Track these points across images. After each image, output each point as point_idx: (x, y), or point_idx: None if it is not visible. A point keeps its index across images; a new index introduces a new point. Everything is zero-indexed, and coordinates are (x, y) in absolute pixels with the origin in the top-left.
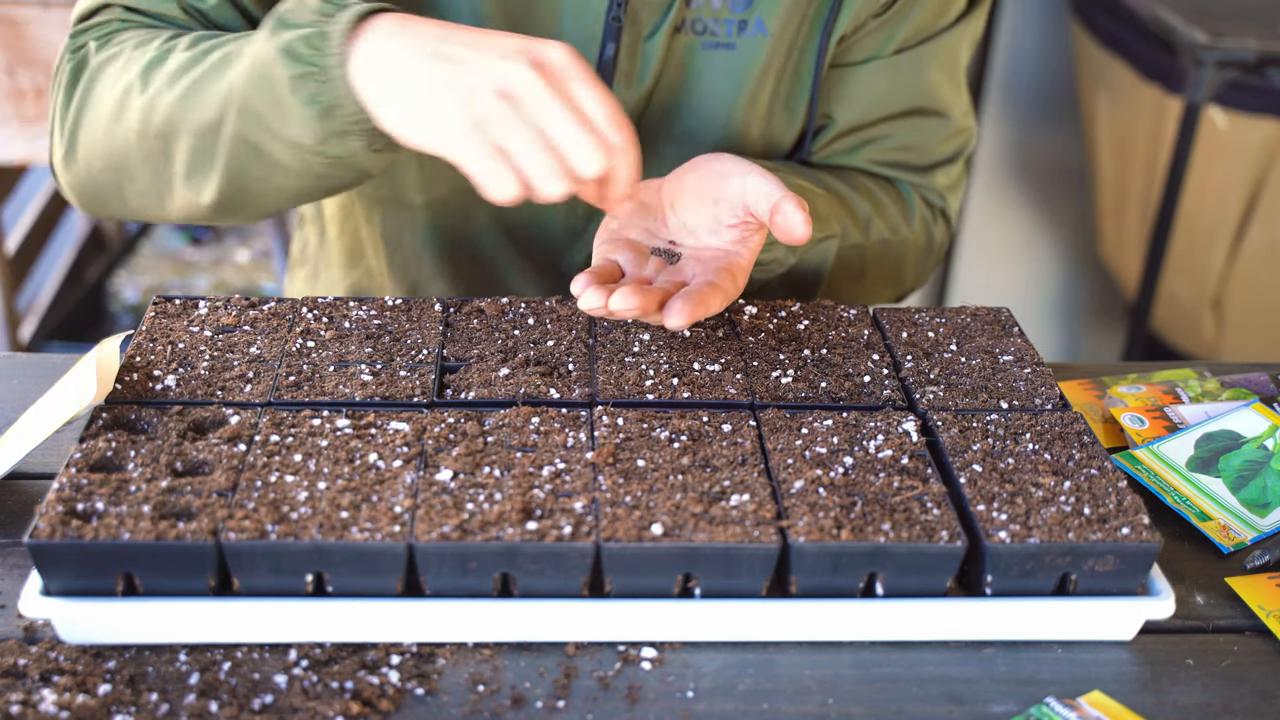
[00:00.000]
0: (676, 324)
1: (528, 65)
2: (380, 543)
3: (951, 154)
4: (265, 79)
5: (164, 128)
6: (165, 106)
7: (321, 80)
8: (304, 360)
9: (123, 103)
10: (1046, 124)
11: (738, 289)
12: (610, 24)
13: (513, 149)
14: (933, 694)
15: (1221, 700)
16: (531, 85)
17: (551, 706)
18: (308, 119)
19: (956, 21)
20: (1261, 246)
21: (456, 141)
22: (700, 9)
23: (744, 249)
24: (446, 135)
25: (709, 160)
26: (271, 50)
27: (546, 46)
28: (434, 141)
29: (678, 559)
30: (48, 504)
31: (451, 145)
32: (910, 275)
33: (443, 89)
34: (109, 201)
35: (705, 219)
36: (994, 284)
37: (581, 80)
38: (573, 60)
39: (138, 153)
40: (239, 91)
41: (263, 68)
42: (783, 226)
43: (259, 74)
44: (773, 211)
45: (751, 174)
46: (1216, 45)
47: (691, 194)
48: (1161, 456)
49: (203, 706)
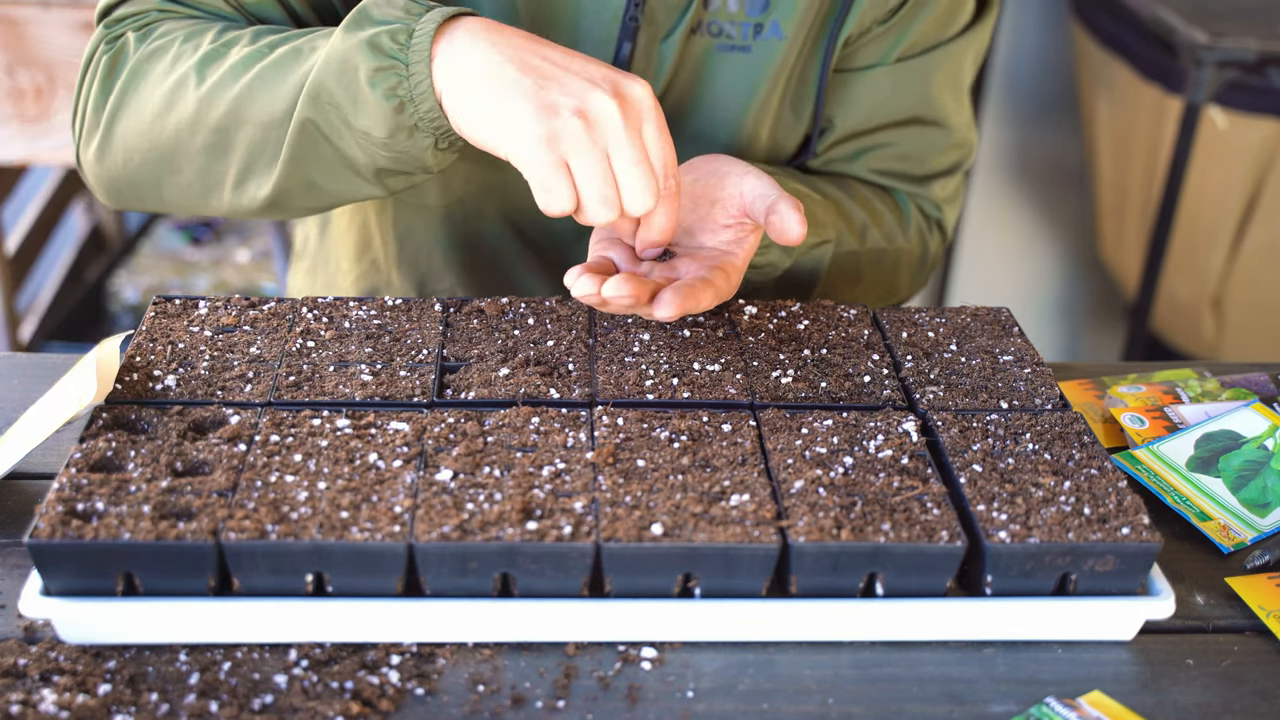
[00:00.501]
0: (665, 314)
1: (610, 95)
2: (380, 543)
3: (950, 166)
4: (345, 70)
5: (224, 120)
6: (228, 100)
7: (403, 75)
8: (304, 360)
9: (174, 95)
10: (1046, 124)
11: (731, 287)
12: (627, 24)
13: (577, 168)
14: (933, 694)
15: (1221, 700)
16: (610, 114)
17: (551, 706)
18: (383, 111)
19: (961, 33)
20: (1261, 246)
21: (528, 148)
22: (717, 11)
23: (739, 249)
24: (520, 139)
25: (707, 161)
26: (355, 42)
27: (632, 82)
28: (506, 143)
29: (678, 559)
30: (48, 504)
31: (522, 150)
32: (905, 283)
33: (526, 97)
34: (145, 196)
35: (701, 219)
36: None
37: (654, 123)
38: (652, 101)
39: (190, 146)
40: (315, 81)
41: (342, 59)
42: (778, 227)
43: (338, 65)
44: (768, 212)
45: (748, 175)
46: (1216, 45)
47: (689, 195)
48: (1161, 456)
49: (203, 706)
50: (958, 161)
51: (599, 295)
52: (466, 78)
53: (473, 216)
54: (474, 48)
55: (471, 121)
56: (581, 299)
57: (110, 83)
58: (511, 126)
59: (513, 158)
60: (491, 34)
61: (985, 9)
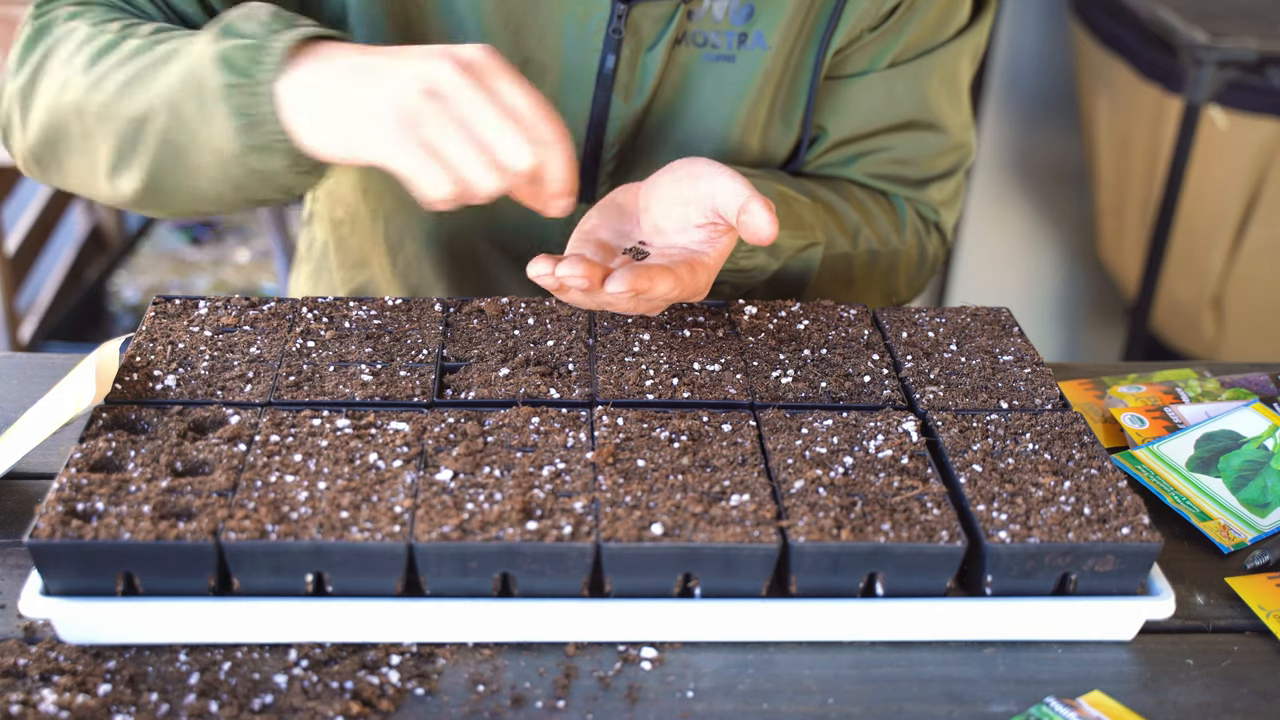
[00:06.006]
0: (615, 288)
1: (450, 64)
2: (380, 543)
3: (947, 169)
4: (197, 82)
5: (100, 111)
6: (108, 90)
7: (251, 93)
8: (304, 360)
9: (70, 79)
10: (1046, 124)
11: (696, 284)
12: (610, 36)
13: (442, 146)
14: (933, 694)
15: (1221, 700)
16: (456, 82)
17: (551, 706)
18: (232, 129)
19: (956, 36)
20: (1261, 246)
21: (386, 143)
22: (701, 21)
23: (710, 249)
24: (376, 139)
25: (684, 163)
26: (209, 55)
27: (466, 47)
28: (364, 148)
29: (678, 559)
30: (48, 504)
31: (381, 148)
32: (902, 286)
33: (370, 95)
34: (49, 171)
35: (675, 219)
36: (994, 284)
37: (505, 77)
38: (494, 59)
39: (76, 129)
40: (172, 90)
41: (197, 71)
42: (749, 227)
43: (192, 77)
44: (739, 212)
45: (721, 176)
46: (1216, 45)
47: (665, 196)
48: (1161, 456)
49: (203, 706)
50: (955, 164)
51: (553, 275)
52: (308, 97)
53: (461, 225)
54: (314, 67)
55: (324, 137)
56: (536, 279)
57: (29, 54)
58: (365, 129)
59: (379, 159)
60: (332, 52)
61: (981, 10)
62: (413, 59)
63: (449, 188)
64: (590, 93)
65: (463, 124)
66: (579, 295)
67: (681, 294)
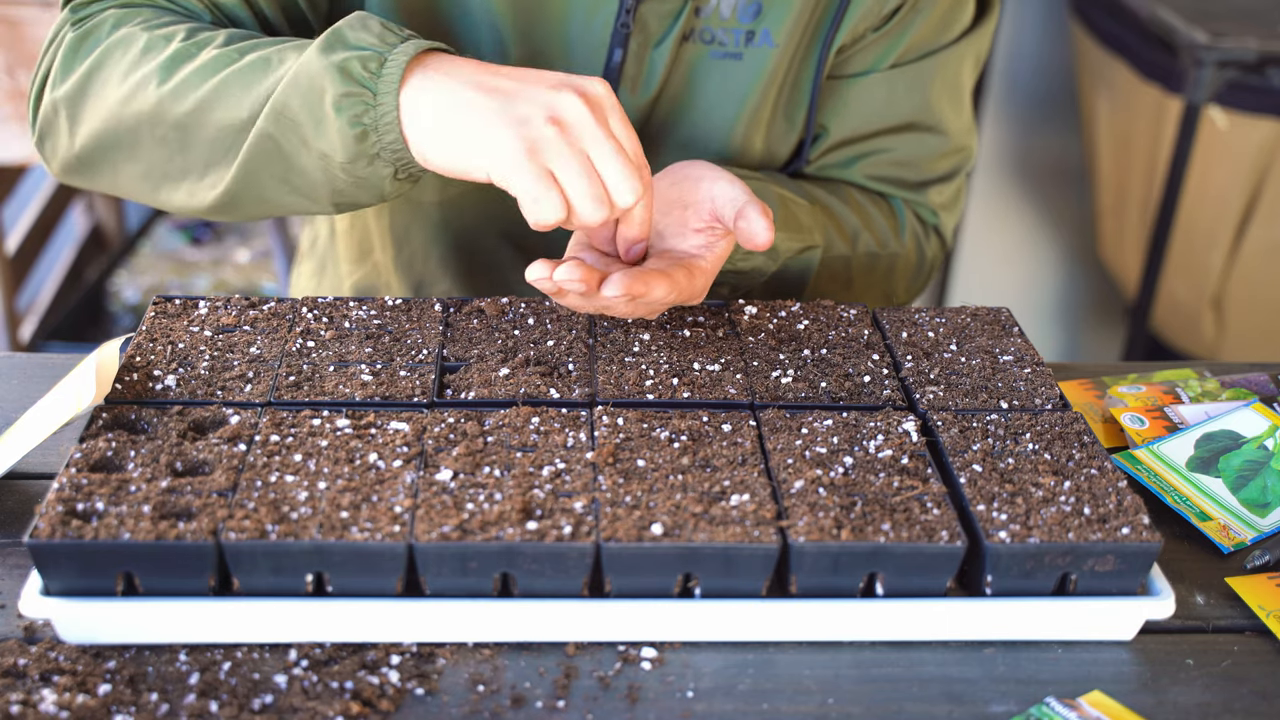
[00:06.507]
0: (611, 292)
1: (575, 96)
2: (380, 543)
3: (947, 171)
4: (311, 91)
5: (186, 119)
6: (193, 99)
7: (370, 103)
8: (304, 360)
9: (142, 86)
10: (1046, 124)
11: (693, 287)
12: (618, 31)
13: (561, 173)
14: (933, 694)
15: (1221, 700)
16: (580, 115)
17: (551, 706)
18: (346, 137)
19: (959, 38)
20: (1261, 246)
21: (510, 163)
22: (709, 18)
23: (708, 253)
24: (500, 158)
25: (683, 166)
26: (325, 64)
27: (589, 81)
28: (487, 165)
29: (678, 559)
30: (48, 504)
31: (505, 167)
32: (901, 289)
33: (496, 115)
34: (98, 177)
35: (673, 223)
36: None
37: (618, 116)
38: (613, 96)
39: (149, 137)
40: (280, 97)
41: (310, 79)
42: (746, 232)
43: (305, 84)
44: (737, 216)
45: (720, 181)
46: (1216, 45)
47: (663, 199)
48: (1161, 456)
49: (203, 706)
50: (956, 167)
51: (551, 279)
52: (431, 109)
53: (468, 222)
54: (436, 81)
55: (441, 151)
56: (534, 283)
57: (74, 62)
58: (487, 147)
59: (496, 178)
60: (451, 66)
61: (985, 13)
62: (539, 86)
63: (561, 213)
64: None
65: (583, 155)
66: (577, 299)
67: (679, 298)
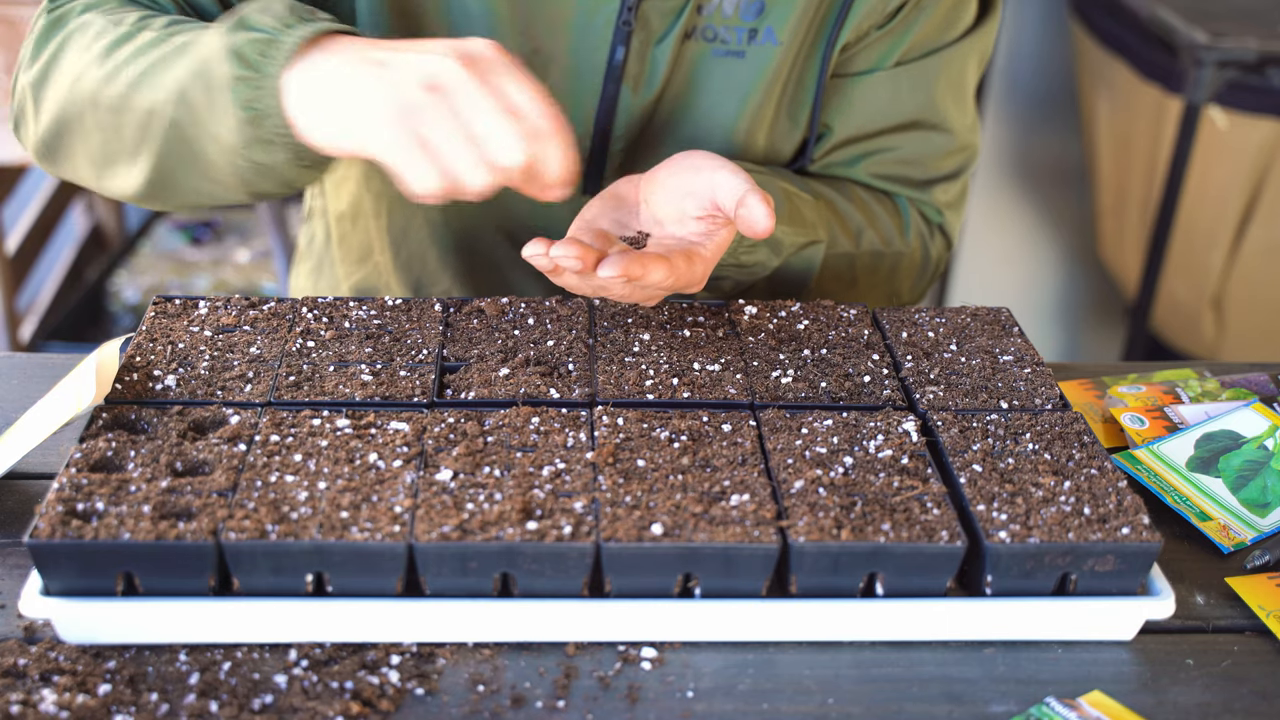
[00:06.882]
0: (608, 273)
1: (454, 58)
2: (380, 543)
3: (952, 170)
4: (207, 75)
5: (116, 103)
6: (122, 83)
7: (257, 87)
8: (304, 360)
9: (85, 71)
10: (1046, 124)
11: (693, 274)
12: (620, 28)
13: (434, 140)
14: (933, 694)
15: (1221, 700)
16: (457, 77)
17: (551, 706)
18: (238, 122)
19: (963, 37)
20: (1261, 246)
21: (380, 135)
22: (711, 16)
23: (709, 241)
24: (372, 128)
25: (685, 156)
26: (221, 48)
27: (472, 41)
28: (362, 139)
29: (678, 559)
30: (48, 504)
31: (377, 138)
32: (905, 288)
33: (370, 87)
34: (60, 162)
35: (674, 211)
36: (994, 284)
37: (508, 72)
38: (499, 53)
39: (90, 120)
40: (182, 82)
41: (208, 63)
42: (746, 220)
43: (203, 69)
44: (737, 205)
45: (721, 170)
46: (1216, 45)
47: (665, 188)
48: (1161, 456)
49: (203, 706)
50: (960, 166)
51: (547, 255)
52: (312, 89)
53: (467, 221)
54: (321, 60)
55: (322, 130)
56: (530, 259)
57: (42, 47)
58: (361, 120)
59: (371, 151)
60: (342, 46)
61: (988, 12)
62: (416, 54)
63: (437, 182)
64: (599, 84)
65: (458, 118)
66: (573, 278)
67: (677, 283)
